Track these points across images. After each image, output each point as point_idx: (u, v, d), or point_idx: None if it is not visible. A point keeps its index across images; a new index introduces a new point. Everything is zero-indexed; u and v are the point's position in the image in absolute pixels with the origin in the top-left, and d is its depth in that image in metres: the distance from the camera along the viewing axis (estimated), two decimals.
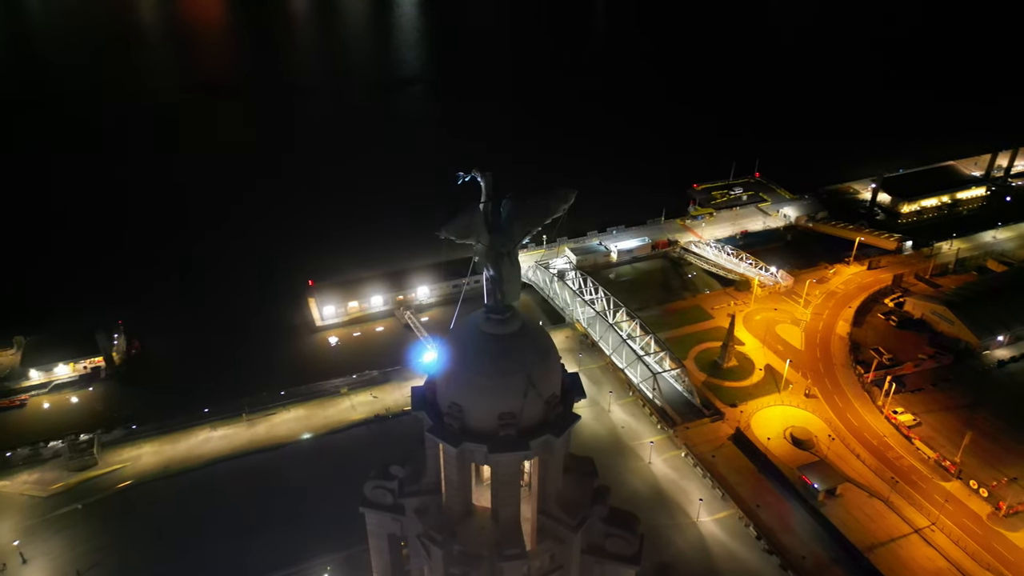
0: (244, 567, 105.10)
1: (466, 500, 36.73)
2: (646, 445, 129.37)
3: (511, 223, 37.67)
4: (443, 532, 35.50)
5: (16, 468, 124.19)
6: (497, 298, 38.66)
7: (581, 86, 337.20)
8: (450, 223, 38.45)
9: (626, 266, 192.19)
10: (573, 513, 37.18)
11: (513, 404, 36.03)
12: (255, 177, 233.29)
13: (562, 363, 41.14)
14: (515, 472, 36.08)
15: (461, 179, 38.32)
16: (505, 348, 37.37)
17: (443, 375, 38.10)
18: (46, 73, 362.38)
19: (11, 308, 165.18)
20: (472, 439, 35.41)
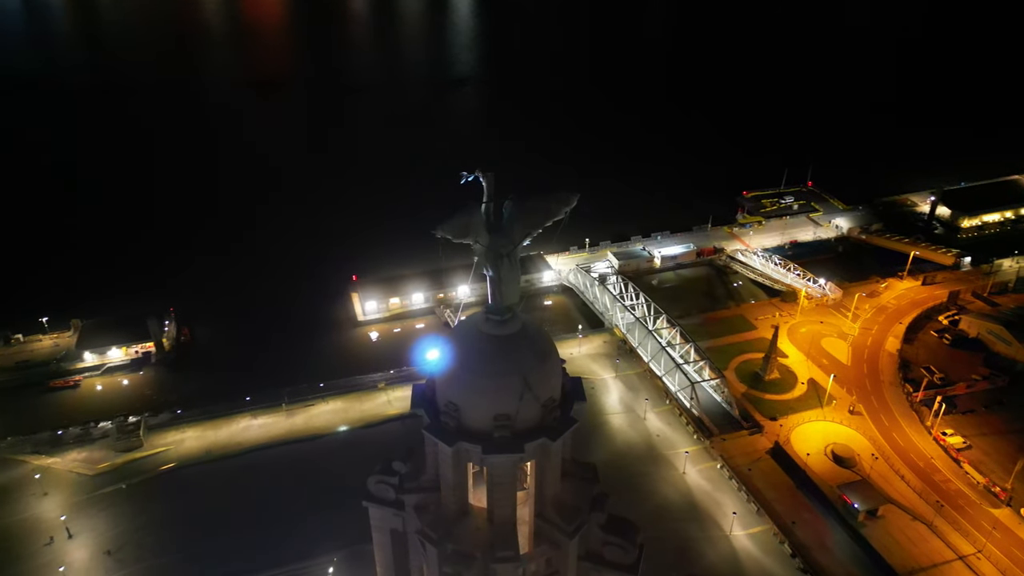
0: (273, 553, 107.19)
1: (462, 499, 36.75)
2: (681, 455, 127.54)
3: (512, 224, 37.51)
4: (438, 530, 35.61)
5: (67, 446, 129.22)
6: (496, 299, 38.49)
7: (631, 87, 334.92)
8: (447, 222, 38.37)
9: (669, 272, 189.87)
10: (570, 518, 36.76)
11: (508, 405, 35.87)
12: (308, 173, 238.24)
13: (564, 367, 40.66)
14: (510, 474, 35.92)
15: (465, 178, 38.26)
16: (502, 349, 37.21)
17: (442, 374, 38.24)
18: (113, 66, 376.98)
19: (71, 292, 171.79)
20: (467, 439, 35.38)
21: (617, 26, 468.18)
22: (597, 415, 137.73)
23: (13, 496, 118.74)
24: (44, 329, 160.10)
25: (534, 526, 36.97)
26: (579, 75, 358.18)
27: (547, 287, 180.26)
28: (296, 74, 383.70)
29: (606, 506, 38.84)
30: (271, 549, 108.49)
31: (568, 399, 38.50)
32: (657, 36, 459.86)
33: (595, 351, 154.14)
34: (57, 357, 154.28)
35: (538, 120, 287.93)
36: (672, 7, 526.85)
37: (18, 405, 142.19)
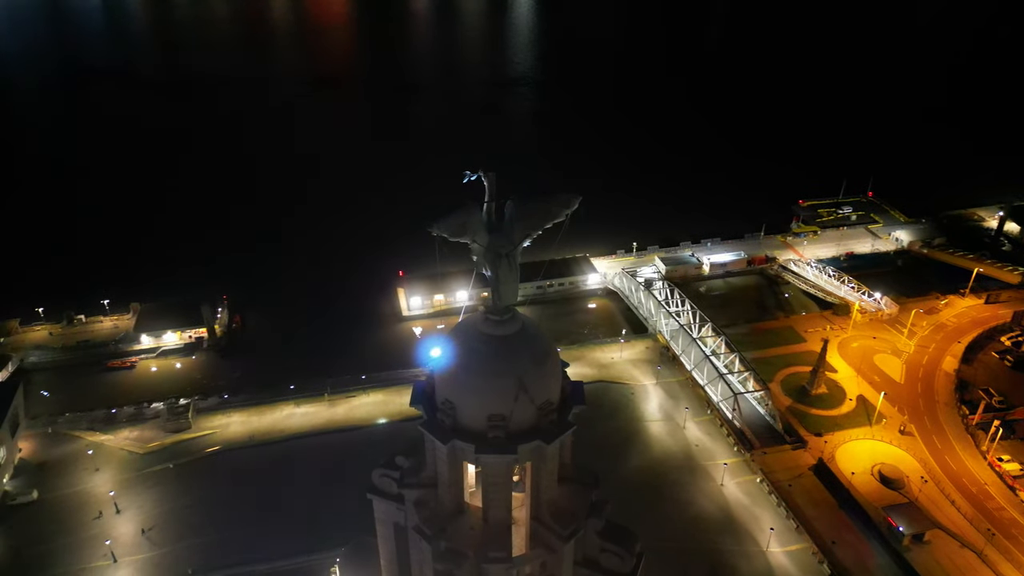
0: (304, 540, 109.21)
1: (458, 497, 36.76)
2: (720, 466, 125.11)
3: (512, 225, 37.26)
4: (432, 527, 35.72)
5: (120, 424, 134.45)
6: (495, 299, 38.26)
7: (689, 90, 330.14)
8: (443, 220, 37.88)
9: (718, 280, 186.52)
10: (565, 523, 36.35)
11: (503, 406, 35.62)
12: (363, 169, 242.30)
13: (565, 370, 40.19)
14: (505, 474, 35.72)
15: (468, 178, 38.12)
16: (499, 349, 37.00)
17: (440, 371, 38.29)
18: (186, 62, 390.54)
19: (132, 277, 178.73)
20: (462, 437, 35.32)
21: (679, 26, 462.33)
22: (636, 421, 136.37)
23: (67, 470, 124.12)
24: (105, 311, 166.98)
25: (530, 529, 36.75)
26: (636, 75, 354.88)
27: (591, 290, 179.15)
28: (356, 71, 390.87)
29: (604, 512, 38.29)
30: (303, 536, 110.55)
31: (567, 403, 38.09)
32: (719, 36, 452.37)
33: (637, 357, 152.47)
34: (116, 338, 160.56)
35: (592, 121, 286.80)
36: (736, 8, 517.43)
37: (77, 383, 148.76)
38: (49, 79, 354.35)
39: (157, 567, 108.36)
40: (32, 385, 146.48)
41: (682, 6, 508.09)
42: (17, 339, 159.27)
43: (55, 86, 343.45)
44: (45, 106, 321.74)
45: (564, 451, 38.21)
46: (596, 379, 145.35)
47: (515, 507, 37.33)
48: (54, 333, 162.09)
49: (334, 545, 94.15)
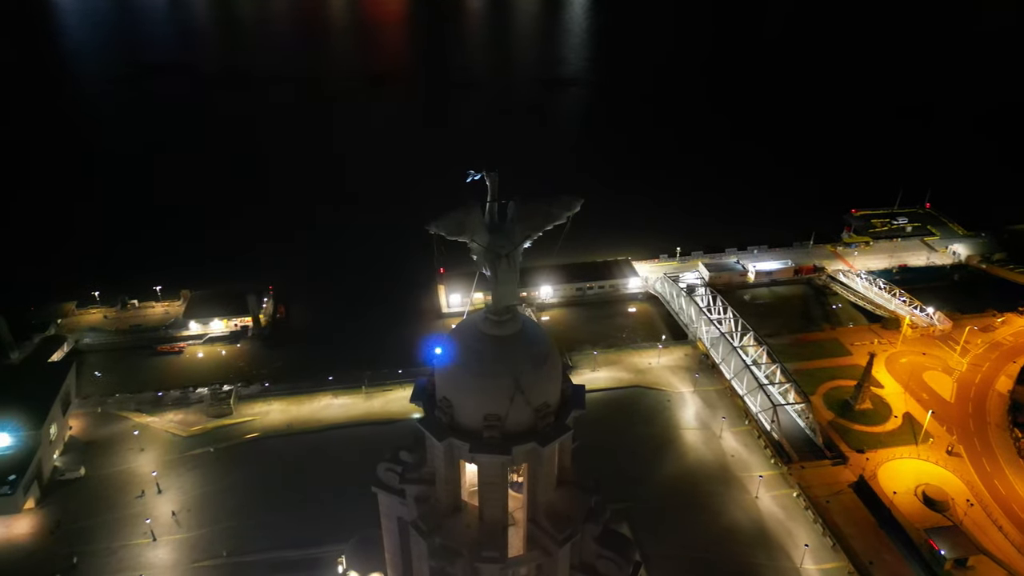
0: (332, 529, 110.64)
1: (455, 495, 36.68)
2: (755, 478, 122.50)
3: (513, 225, 36.98)
4: (429, 523, 35.77)
5: (165, 407, 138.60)
6: (494, 300, 38.05)
7: (743, 93, 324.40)
8: (442, 218, 37.62)
9: (763, 288, 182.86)
10: (560, 527, 35.94)
11: (499, 406, 35.38)
12: (411, 165, 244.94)
13: (568, 374, 39.67)
14: (500, 474, 35.49)
15: (471, 177, 37.95)
16: (497, 350, 36.76)
17: (440, 369, 38.32)
18: (245, 57, 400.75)
19: (184, 264, 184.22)
20: (458, 436, 35.21)
21: (735, 28, 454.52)
22: (671, 429, 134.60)
23: (114, 449, 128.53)
24: (157, 297, 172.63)
25: (527, 530, 36.53)
26: (688, 78, 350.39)
27: (632, 294, 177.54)
28: (409, 69, 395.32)
29: (602, 518, 37.79)
30: (328, 526, 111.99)
31: (566, 406, 37.70)
32: (775, 37, 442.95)
33: (675, 363, 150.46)
34: (166, 324, 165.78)
35: (640, 122, 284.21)
36: (793, 10, 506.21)
37: (127, 365, 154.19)
38: (116, 72, 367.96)
39: (193, 548, 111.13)
40: (85, 366, 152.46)
41: (739, 6, 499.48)
42: (73, 321, 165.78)
43: (121, 79, 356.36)
44: (111, 98, 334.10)
45: (564, 454, 37.90)
46: (632, 384, 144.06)
47: (516, 508, 37.19)
48: (108, 316, 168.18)
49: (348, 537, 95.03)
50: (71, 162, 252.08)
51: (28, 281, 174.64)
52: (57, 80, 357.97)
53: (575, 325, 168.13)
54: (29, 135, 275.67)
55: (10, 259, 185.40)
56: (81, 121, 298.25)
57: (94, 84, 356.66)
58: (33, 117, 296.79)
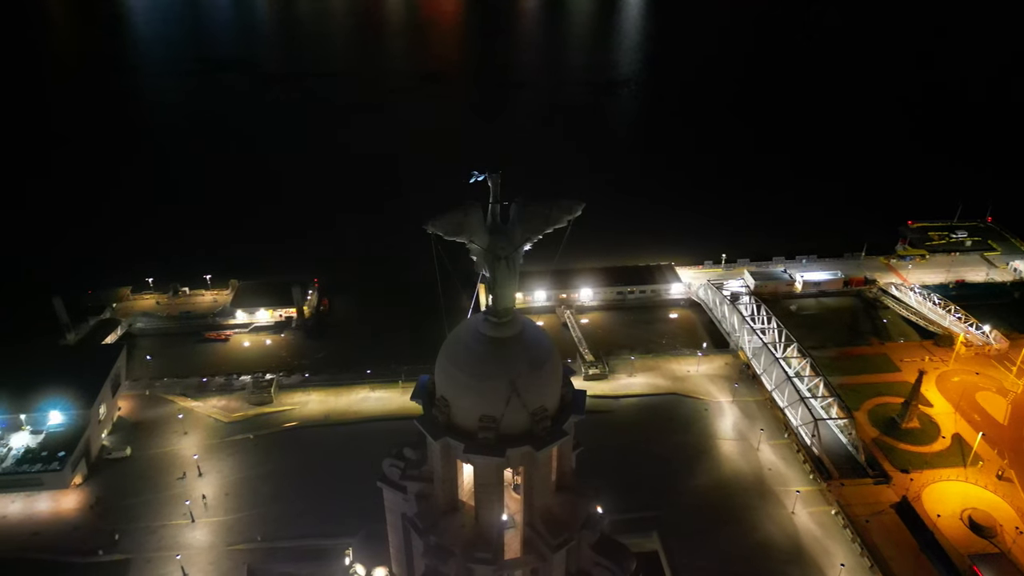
0: (367, 520, 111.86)
1: (451, 494, 36.61)
2: (792, 493, 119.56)
3: (513, 227, 36.67)
4: (425, 521, 35.81)
5: (209, 393, 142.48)
6: (493, 301, 37.77)
7: (797, 97, 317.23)
8: (440, 218, 37.32)
9: (810, 299, 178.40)
10: (556, 532, 35.53)
11: (494, 408, 35.16)
12: (459, 164, 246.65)
13: (570, 378, 39.08)
14: (495, 476, 35.25)
15: (474, 178, 37.71)
16: (494, 351, 36.53)
17: (438, 368, 38.33)
18: (304, 54, 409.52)
19: (234, 254, 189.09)
20: (453, 435, 35.15)
21: (791, 33, 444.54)
22: (707, 438, 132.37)
23: (159, 431, 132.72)
24: (207, 285, 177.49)
25: (523, 534, 36.28)
26: (742, 79, 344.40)
27: (674, 299, 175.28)
28: (462, 68, 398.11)
29: (599, 526, 37.25)
30: (363, 517, 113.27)
31: (565, 411, 37.26)
32: (829, 44, 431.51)
33: (714, 372, 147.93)
34: (214, 312, 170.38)
35: (690, 126, 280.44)
36: (850, 16, 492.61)
37: (176, 351, 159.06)
38: (179, 67, 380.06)
39: (230, 531, 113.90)
40: (137, 349, 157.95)
41: (795, 10, 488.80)
42: (127, 305, 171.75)
43: (183, 73, 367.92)
44: (175, 92, 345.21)
45: (563, 460, 37.54)
46: (669, 391, 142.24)
47: (516, 510, 37.00)
48: (160, 302, 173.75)
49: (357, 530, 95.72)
50: (136, 154, 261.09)
51: (87, 266, 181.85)
52: (124, 73, 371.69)
53: (614, 329, 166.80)
54: (97, 126, 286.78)
55: (71, 244, 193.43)
56: (146, 114, 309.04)
57: (159, 78, 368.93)
58: (101, 109, 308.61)
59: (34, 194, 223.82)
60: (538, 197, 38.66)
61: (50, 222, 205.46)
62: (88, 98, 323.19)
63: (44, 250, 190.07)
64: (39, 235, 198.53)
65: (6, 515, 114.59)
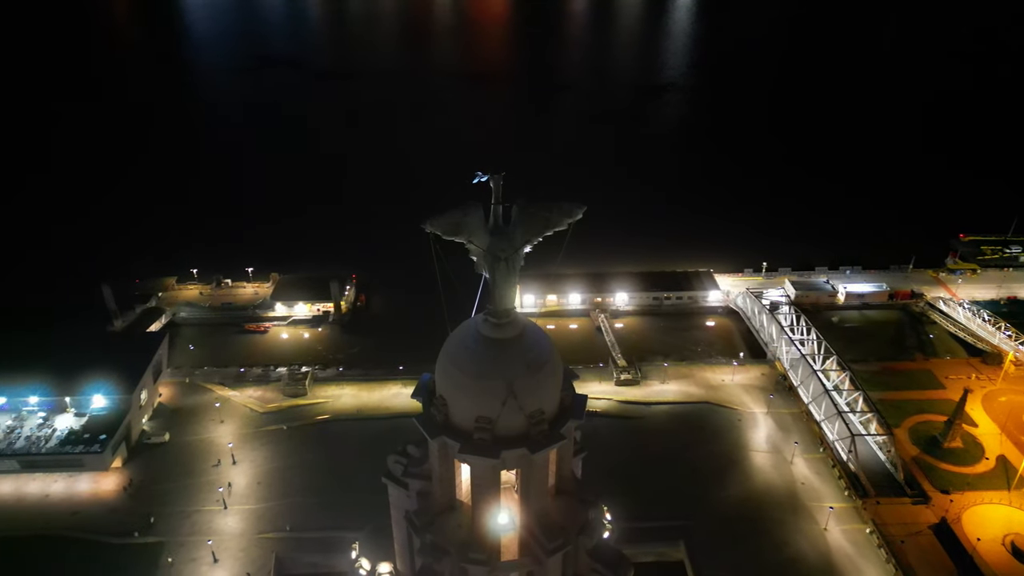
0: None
1: (449, 493, 36.58)
2: (825, 509, 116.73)
3: (514, 229, 36.37)
4: (422, 519, 35.82)
5: (246, 383, 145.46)
6: (492, 302, 37.51)
7: (849, 104, 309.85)
8: (438, 217, 37.10)
9: (853, 311, 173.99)
10: (552, 536, 35.19)
11: (490, 409, 35.00)
12: (500, 165, 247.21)
13: (572, 382, 38.60)
14: (491, 477, 35.09)
15: (478, 179, 37.43)
16: (492, 352, 36.32)
17: (438, 367, 38.31)
18: (353, 52, 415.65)
19: (276, 248, 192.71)
20: (449, 435, 35.15)
21: (847, 37, 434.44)
22: (740, 449, 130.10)
23: (197, 418, 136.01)
24: (248, 278, 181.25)
25: (521, 537, 36.07)
26: (793, 85, 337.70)
27: (711, 307, 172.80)
28: (507, 69, 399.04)
29: (596, 533, 36.77)
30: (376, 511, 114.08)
31: (564, 415, 36.89)
32: (890, 51, 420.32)
33: (749, 382, 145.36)
34: (254, 304, 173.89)
35: (737, 132, 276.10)
36: (915, 23, 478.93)
37: (216, 341, 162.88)
38: (231, 64, 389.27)
39: (260, 519, 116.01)
40: (179, 338, 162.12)
41: (857, 16, 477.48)
42: (172, 295, 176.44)
43: (237, 69, 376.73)
44: (228, 88, 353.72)
45: (563, 464, 37.18)
46: (702, 400, 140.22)
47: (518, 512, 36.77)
48: (203, 293, 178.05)
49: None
50: (188, 151, 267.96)
51: (136, 255, 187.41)
52: (179, 70, 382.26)
53: (648, 335, 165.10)
54: (152, 123, 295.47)
55: (122, 234, 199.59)
56: (202, 110, 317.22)
57: (213, 75, 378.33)
58: (156, 105, 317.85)
59: (90, 188, 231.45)
60: (539, 199, 38.42)
61: (104, 214, 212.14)
62: (143, 94, 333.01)
63: (97, 240, 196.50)
64: (93, 225, 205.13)
65: (48, 494, 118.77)
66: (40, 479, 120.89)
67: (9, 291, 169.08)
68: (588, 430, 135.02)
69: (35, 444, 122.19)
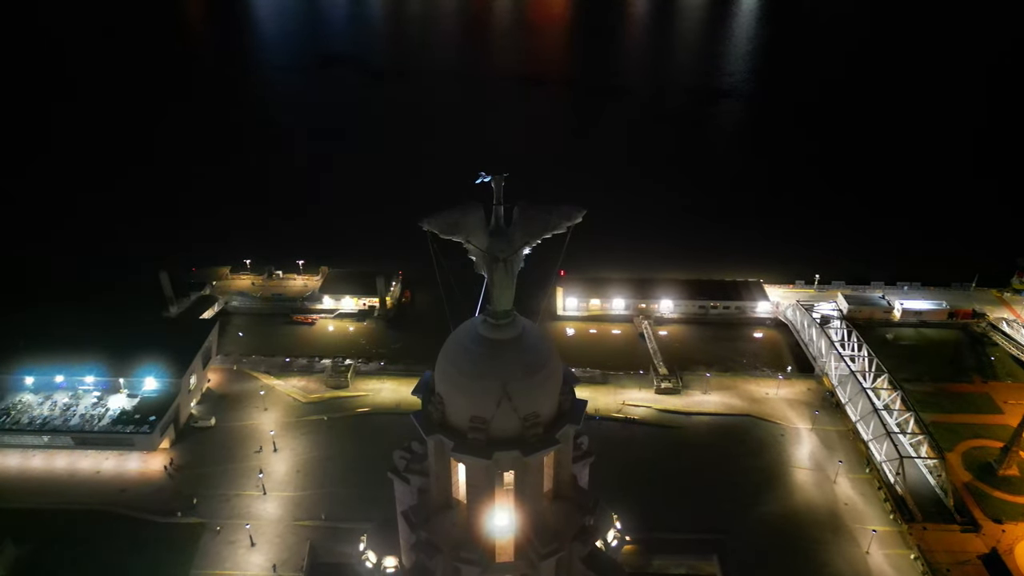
0: None
1: (445, 491, 36.53)
2: (868, 532, 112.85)
3: (513, 230, 36.04)
4: (419, 515, 35.87)
5: (291, 373, 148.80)
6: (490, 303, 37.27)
7: (914, 111, 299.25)
8: (436, 215, 36.87)
9: (909, 329, 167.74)
10: (545, 540, 34.82)
11: (485, 410, 34.88)
12: (550, 167, 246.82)
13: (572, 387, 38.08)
14: (485, 477, 34.89)
15: (481, 179, 37.20)
16: (489, 353, 36.13)
17: (438, 365, 38.41)
18: (412, 52, 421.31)
19: (327, 242, 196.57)
20: (445, 433, 35.15)
21: (924, 41, 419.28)
22: (781, 465, 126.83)
23: (242, 405, 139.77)
24: (299, 270, 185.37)
25: (516, 539, 35.87)
26: (856, 96, 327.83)
27: (759, 318, 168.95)
28: (566, 70, 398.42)
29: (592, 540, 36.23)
30: None
31: (561, 419, 36.50)
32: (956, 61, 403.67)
33: (794, 396, 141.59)
34: (303, 296, 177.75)
35: (796, 140, 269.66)
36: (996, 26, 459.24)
37: (265, 330, 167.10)
38: (293, 61, 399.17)
39: (297, 507, 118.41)
40: (230, 326, 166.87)
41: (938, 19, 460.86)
42: (225, 284, 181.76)
43: (295, 68, 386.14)
44: (289, 84, 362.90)
45: (562, 469, 36.83)
46: (744, 412, 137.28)
47: None
48: (255, 283, 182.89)
49: None
50: (247, 144, 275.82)
51: (194, 244, 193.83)
52: (243, 66, 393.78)
53: (692, 344, 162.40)
54: (215, 119, 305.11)
55: (182, 223, 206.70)
56: (260, 106, 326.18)
57: (274, 72, 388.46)
58: (221, 100, 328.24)
59: (149, 178, 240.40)
60: (539, 201, 38.20)
61: (164, 203, 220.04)
62: (208, 90, 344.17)
63: (157, 227, 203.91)
64: (157, 215, 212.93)
65: (100, 470, 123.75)
66: (92, 456, 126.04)
67: (75, 274, 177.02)
68: (625, 437, 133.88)
69: (89, 422, 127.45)
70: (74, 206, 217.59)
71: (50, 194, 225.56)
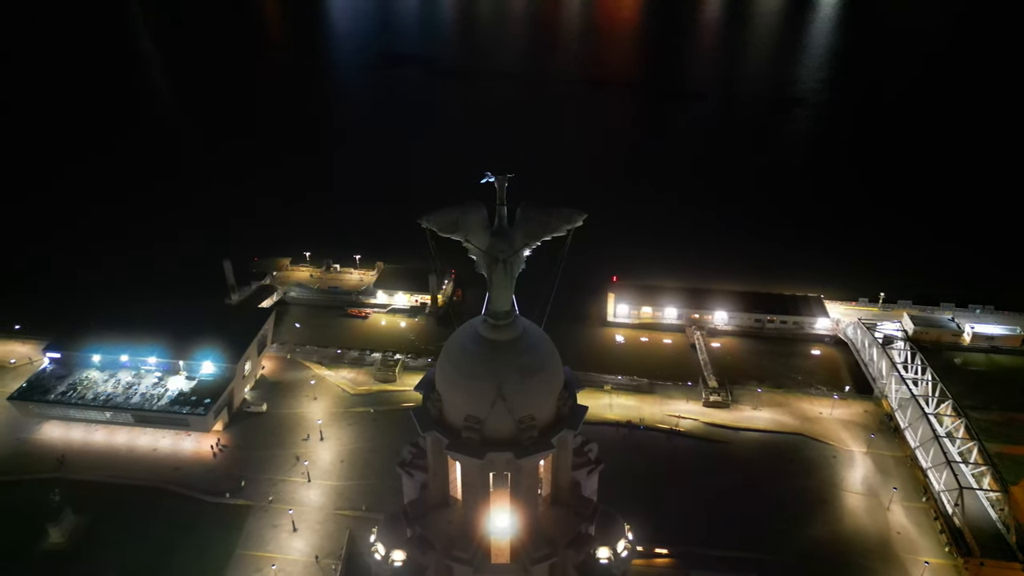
0: None
1: (443, 488, 36.33)
2: (921, 564, 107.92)
3: (514, 231, 35.40)
4: (415, 511, 35.76)
5: (342, 364, 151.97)
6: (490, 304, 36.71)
7: (994, 131, 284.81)
8: (436, 213, 36.63)
9: (979, 354, 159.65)
10: (539, 546, 34.26)
11: (479, 409, 34.58)
12: (610, 171, 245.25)
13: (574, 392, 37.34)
14: (479, 476, 34.61)
15: (486, 179, 36.63)
16: (486, 353, 35.70)
17: (438, 362, 38.27)
18: (481, 54, 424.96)
19: (383, 238, 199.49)
20: (440, 430, 35.00)
21: (1000, 63, 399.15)
22: (832, 488, 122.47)
23: (293, 393, 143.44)
24: (356, 264, 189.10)
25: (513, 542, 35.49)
26: (931, 105, 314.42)
27: (818, 334, 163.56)
28: (633, 75, 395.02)
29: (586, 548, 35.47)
30: None
31: (559, 424, 35.89)
32: None
33: (849, 417, 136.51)
34: (358, 290, 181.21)
35: (867, 152, 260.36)
36: None
37: (320, 321, 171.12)
38: (364, 60, 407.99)
39: (340, 496, 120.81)
40: (287, 316, 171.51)
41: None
42: (285, 275, 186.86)
43: (366, 67, 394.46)
44: (359, 82, 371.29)
45: (560, 474, 36.27)
46: (795, 431, 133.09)
47: None
48: (313, 275, 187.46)
49: None
50: (317, 140, 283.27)
51: (258, 235, 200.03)
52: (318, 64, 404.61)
53: (745, 357, 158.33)
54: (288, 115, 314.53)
55: (248, 214, 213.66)
56: (332, 103, 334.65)
57: (345, 70, 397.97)
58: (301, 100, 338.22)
59: (221, 173, 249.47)
60: (540, 203, 37.71)
61: (234, 196, 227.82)
62: (283, 89, 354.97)
63: (224, 218, 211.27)
64: (224, 206, 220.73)
65: (157, 448, 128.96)
66: (150, 434, 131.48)
67: (145, 261, 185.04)
68: (669, 449, 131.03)
69: (148, 401, 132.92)
70: (153, 194, 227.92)
71: (131, 185, 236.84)
